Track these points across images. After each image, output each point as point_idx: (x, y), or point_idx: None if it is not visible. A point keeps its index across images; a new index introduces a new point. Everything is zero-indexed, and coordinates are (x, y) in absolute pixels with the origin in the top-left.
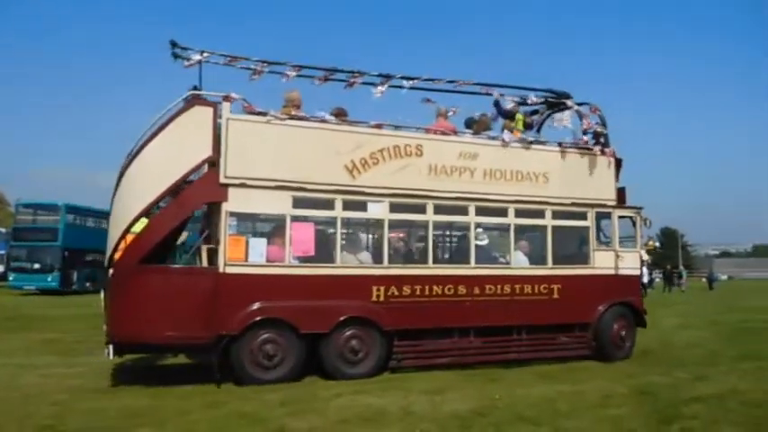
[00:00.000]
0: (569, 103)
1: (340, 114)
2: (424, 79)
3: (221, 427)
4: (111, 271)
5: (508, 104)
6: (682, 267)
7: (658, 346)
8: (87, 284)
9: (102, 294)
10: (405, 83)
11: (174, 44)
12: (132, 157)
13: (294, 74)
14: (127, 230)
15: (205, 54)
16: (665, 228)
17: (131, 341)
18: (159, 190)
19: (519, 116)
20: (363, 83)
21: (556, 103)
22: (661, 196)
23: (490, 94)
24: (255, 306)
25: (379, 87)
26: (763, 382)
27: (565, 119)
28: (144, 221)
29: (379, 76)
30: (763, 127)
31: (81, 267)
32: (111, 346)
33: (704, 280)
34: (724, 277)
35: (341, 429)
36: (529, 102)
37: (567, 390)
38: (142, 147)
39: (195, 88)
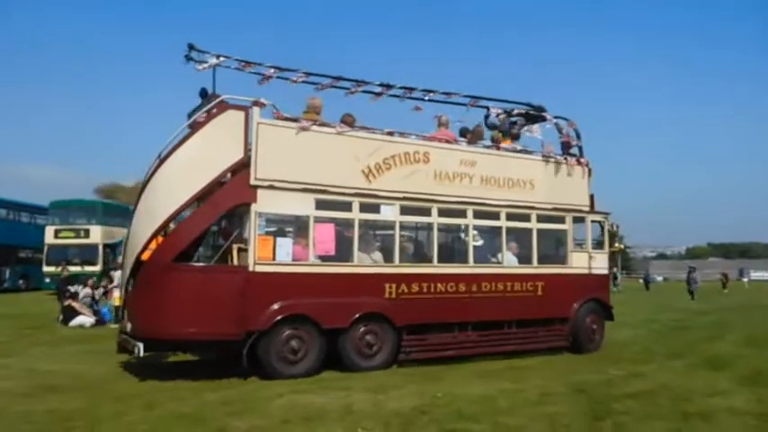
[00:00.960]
0: (548, 116)
1: (349, 120)
2: (421, 90)
3: (159, 428)
4: (140, 270)
5: (496, 118)
6: (615, 269)
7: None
8: (20, 282)
9: (116, 293)
10: (402, 92)
11: (191, 47)
12: (164, 158)
13: (301, 80)
14: (158, 231)
15: (221, 59)
16: None
17: (163, 338)
18: (193, 190)
19: (478, 127)
20: (363, 91)
21: (534, 115)
22: (600, 200)
23: (479, 106)
24: (282, 303)
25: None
26: (691, 378)
27: (534, 130)
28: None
29: (380, 85)
30: (694, 132)
31: (13, 265)
32: (140, 344)
33: (641, 281)
34: (660, 278)
35: (282, 429)
36: (514, 113)
37: (508, 388)
38: (175, 148)
39: (204, 91)
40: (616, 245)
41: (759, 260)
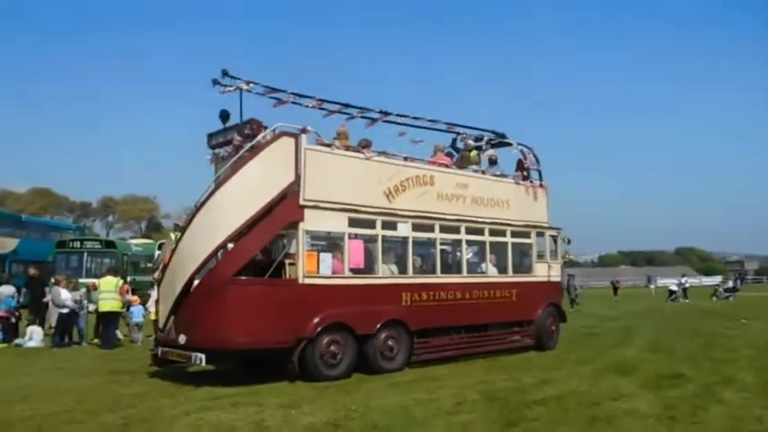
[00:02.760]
0: (513, 142)
1: (366, 145)
2: (412, 117)
3: None
4: (199, 285)
5: (463, 143)
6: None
7: (508, 352)
8: None
9: (153, 307)
10: (397, 119)
11: (225, 73)
12: (222, 181)
13: (312, 105)
14: (219, 248)
15: (251, 84)
16: None
17: (227, 347)
18: (252, 211)
19: (474, 152)
20: (362, 117)
21: (500, 142)
22: None
23: (455, 132)
24: (326, 312)
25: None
26: (598, 384)
27: (492, 154)
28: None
29: (380, 112)
30: (604, 145)
31: None
32: (202, 355)
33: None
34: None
35: None
36: (484, 140)
37: (423, 398)
38: (233, 172)
39: (225, 114)
40: (566, 255)
41: (664, 267)
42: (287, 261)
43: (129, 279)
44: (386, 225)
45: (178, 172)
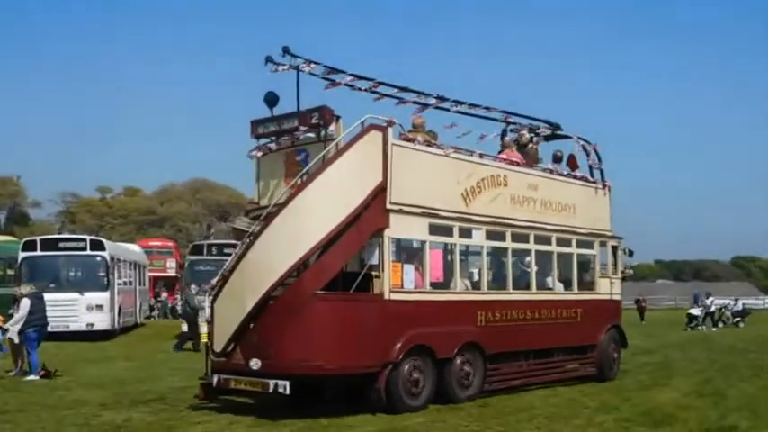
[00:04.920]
0: (573, 136)
1: (434, 138)
2: (468, 104)
3: None
4: (277, 300)
5: (516, 136)
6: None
7: (507, 391)
8: None
9: (204, 327)
10: (452, 106)
11: (285, 51)
12: (307, 181)
13: (366, 88)
14: (306, 258)
15: (312, 65)
16: None
17: (315, 374)
18: (342, 215)
19: (532, 146)
20: (415, 102)
21: (553, 134)
22: None
23: (512, 123)
24: (410, 333)
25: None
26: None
27: (560, 151)
28: None
29: (437, 98)
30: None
31: None
32: (286, 382)
33: None
34: None
35: None
36: (540, 132)
37: None
38: (320, 170)
39: (272, 97)
40: (626, 270)
41: (717, 283)
42: (373, 273)
43: None
44: (463, 233)
45: (49, 148)
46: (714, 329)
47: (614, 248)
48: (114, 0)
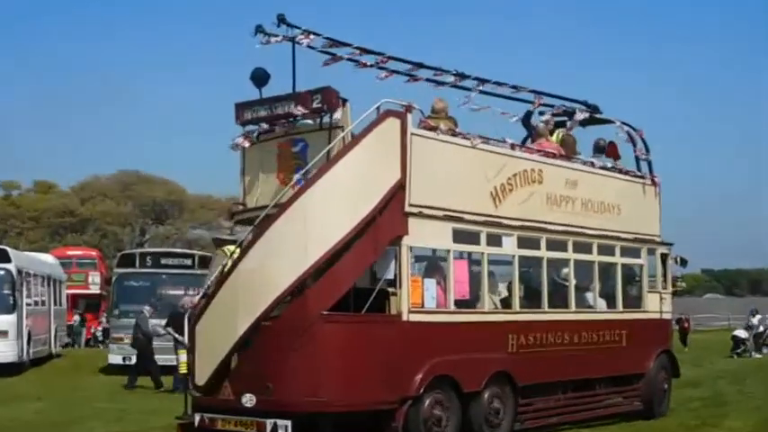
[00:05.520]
0: (617, 121)
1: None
2: (494, 83)
3: None
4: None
5: (540, 119)
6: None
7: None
8: None
9: (183, 356)
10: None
11: (281, 20)
12: (314, 177)
13: (372, 64)
14: (312, 269)
15: (311, 37)
16: None
17: (322, 411)
18: (357, 218)
19: (562, 135)
20: (429, 80)
21: (591, 118)
22: None
23: (544, 104)
24: (433, 361)
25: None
26: None
27: (602, 139)
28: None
29: (456, 75)
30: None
31: None
32: (287, 422)
33: None
34: None
35: None
36: (576, 117)
37: None
38: (330, 164)
39: (262, 75)
40: (678, 283)
41: None
42: (389, 290)
43: None
44: (490, 239)
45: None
46: (758, 356)
47: (664, 257)
48: None
